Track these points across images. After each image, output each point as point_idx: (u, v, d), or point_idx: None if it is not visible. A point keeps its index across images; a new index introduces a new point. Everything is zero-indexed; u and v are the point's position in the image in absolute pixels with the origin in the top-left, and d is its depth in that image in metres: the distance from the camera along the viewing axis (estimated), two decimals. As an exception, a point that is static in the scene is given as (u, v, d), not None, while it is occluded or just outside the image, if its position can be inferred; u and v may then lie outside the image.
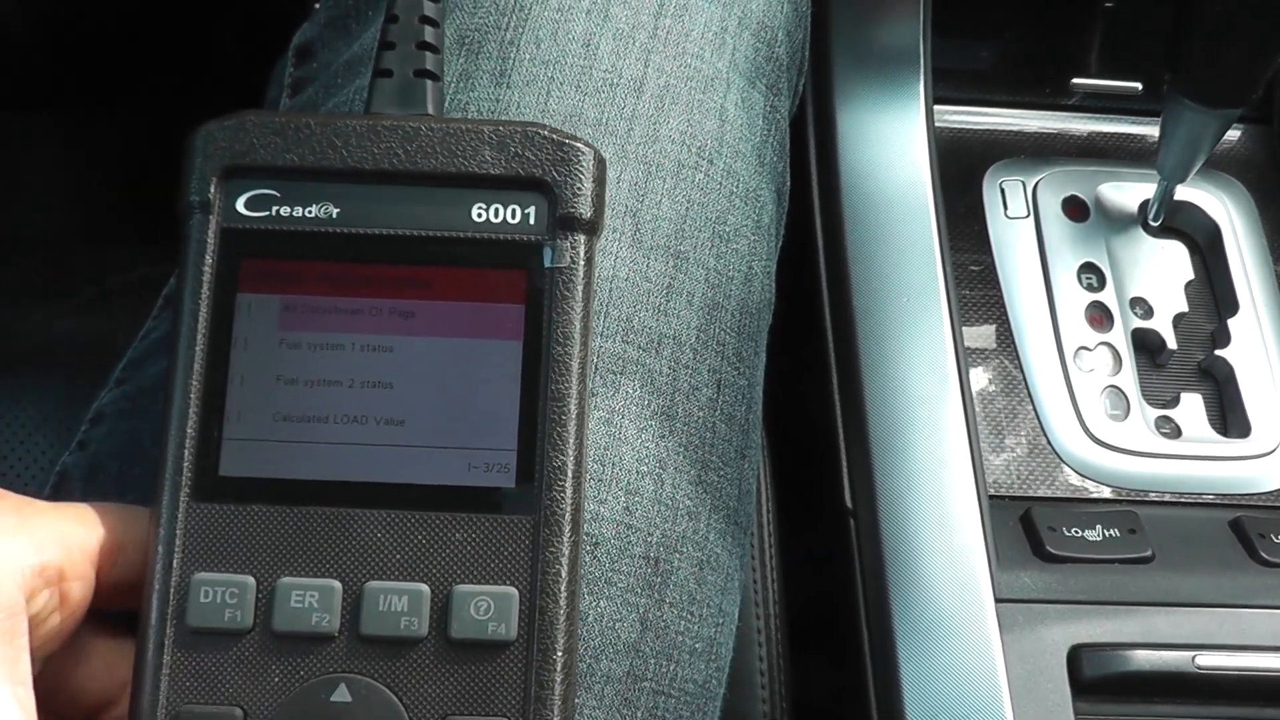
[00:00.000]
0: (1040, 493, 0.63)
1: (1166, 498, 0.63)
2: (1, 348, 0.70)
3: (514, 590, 0.33)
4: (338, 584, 0.33)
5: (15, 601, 0.31)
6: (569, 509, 0.33)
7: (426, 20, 0.37)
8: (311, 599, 0.33)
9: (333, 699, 0.32)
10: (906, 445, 0.59)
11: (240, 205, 0.34)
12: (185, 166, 0.35)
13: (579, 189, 0.35)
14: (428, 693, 0.32)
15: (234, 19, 0.97)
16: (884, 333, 0.62)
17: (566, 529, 0.33)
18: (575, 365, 0.34)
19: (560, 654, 0.33)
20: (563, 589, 0.33)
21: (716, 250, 0.46)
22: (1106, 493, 0.63)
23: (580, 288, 0.34)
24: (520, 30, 0.45)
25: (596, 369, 0.42)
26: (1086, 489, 0.63)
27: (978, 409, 0.64)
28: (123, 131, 0.93)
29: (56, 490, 0.49)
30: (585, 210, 0.35)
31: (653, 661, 0.41)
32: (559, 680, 0.33)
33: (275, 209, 0.34)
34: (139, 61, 0.97)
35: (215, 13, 0.97)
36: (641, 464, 0.42)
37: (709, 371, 0.45)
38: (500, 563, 0.33)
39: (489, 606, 0.33)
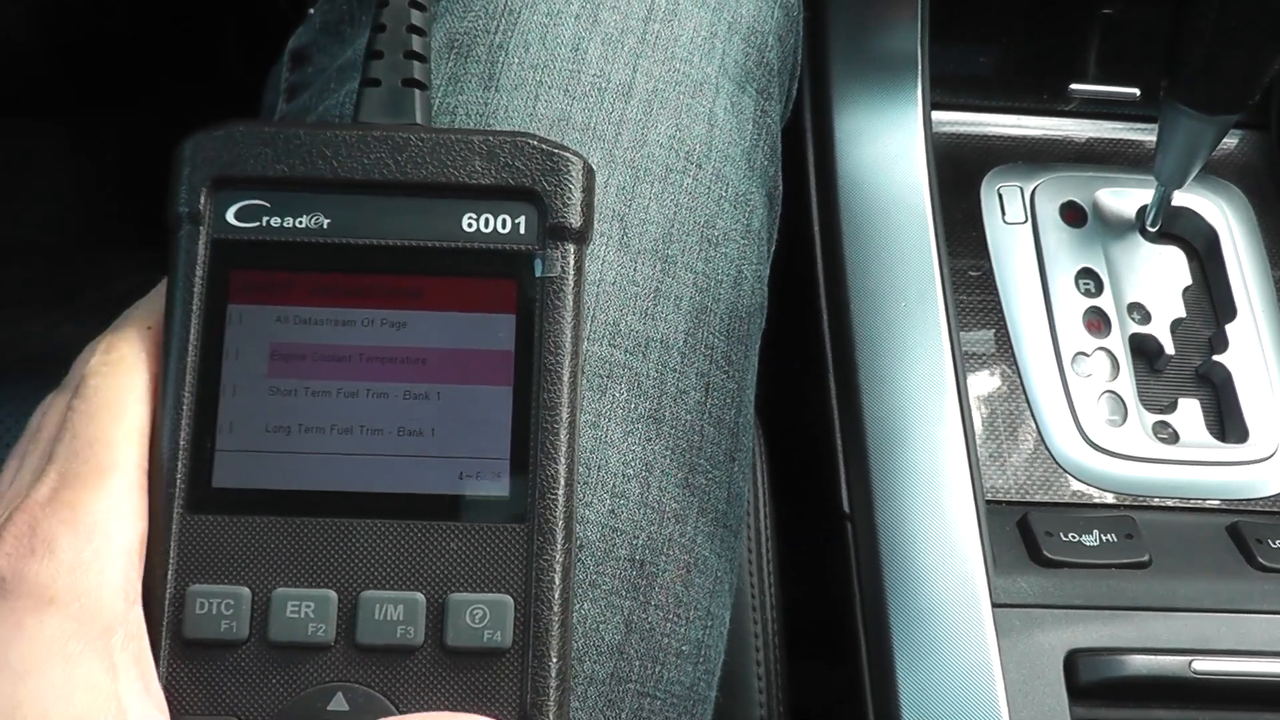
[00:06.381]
0: (1037, 498, 0.63)
1: (1164, 503, 0.63)
2: (4, 353, 0.70)
3: (509, 598, 0.33)
4: (333, 594, 0.33)
5: (118, 615, 0.31)
6: (561, 516, 0.33)
7: (414, 29, 0.37)
8: (307, 609, 0.33)
9: (330, 708, 0.32)
10: (904, 450, 0.59)
11: (230, 216, 0.34)
12: (174, 177, 0.35)
13: (568, 199, 0.35)
14: (424, 700, 0.32)
15: (237, 25, 0.97)
16: (881, 337, 0.62)
17: (559, 536, 0.33)
18: (566, 374, 0.34)
19: (555, 660, 0.33)
20: (556, 596, 0.33)
21: (705, 254, 0.46)
22: (1104, 498, 0.63)
23: (571, 297, 0.34)
24: (509, 34, 0.45)
25: (583, 373, 0.42)
26: (1084, 494, 0.63)
27: (975, 414, 0.64)
28: (126, 137, 0.94)
29: None
30: (575, 220, 0.35)
31: (637, 663, 0.41)
32: (554, 686, 0.33)
33: (265, 220, 0.34)
34: (143, 68, 0.97)
35: (219, 19, 0.98)
36: (627, 467, 0.42)
37: (697, 375, 0.45)
38: (495, 571, 0.33)
39: (484, 614, 0.33)
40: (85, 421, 0.32)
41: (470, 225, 0.35)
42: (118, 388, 0.33)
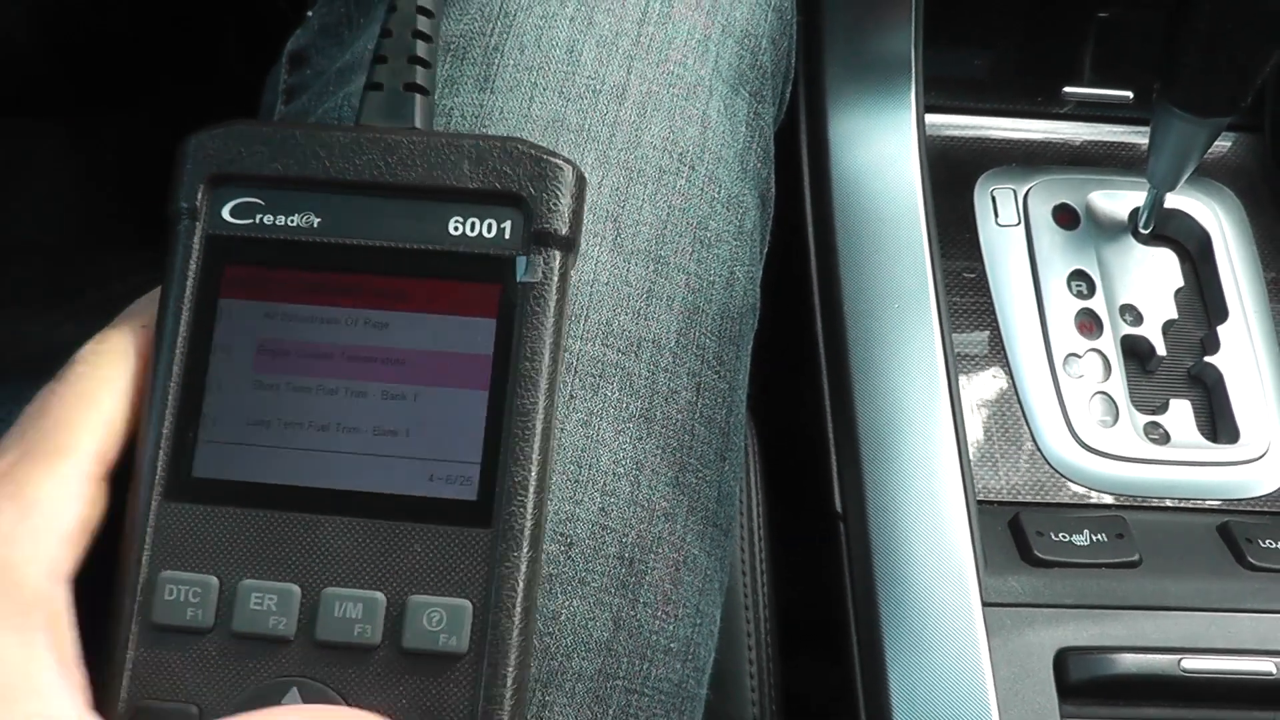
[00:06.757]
0: (1029, 498, 0.63)
1: (1156, 503, 0.63)
2: (4, 353, 0.70)
3: (468, 603, 0.33)
4: (296, 588, 0.33)
5: (40, 591, 0.31)
6: (528, 524, 0.33)
7: (419, 35, 0.37)
8: (270, 602, 0.33)
9: (284, 701, 0.33)
10: (896, 450, 0.60)
11: (225, 212, 0.35)
12: (175, 174, 0.35)
13: (555, 205, 0.35)
14: (377, 701, 0.33)
15: (237, 26, 0.98)
16: (875, 339, 0.63)
17: (524, 544, 0.33)
18: (543, 380, 0.34)
19: (511, 669, 0.33)
20: (517, 604, 0.33)
21: (698, 255, 0.46)
22: (1095, 498, 0.63)
23: (552, 303, 0.34)
24: (504, 36, 0.46)
25: (576, 372, 0.42)
26: (1075, 494, 0.63)
27: (967, 415, 0.65)
28: (126, 137, 0.94)
29: None
30: (560, 226, 0.35)
31: (625, 660, 0.42)
32: (508, 695, 0.33)
33: (259, 217, 0.35)
34: (143, 68, 0.97)
35: (219, 19, 0.98)
36: (618, 465, 0.42)
37: (688, 375, 0.45)
38: (456, 575, 0.33)
39: (442, 618, 0.33)
40: (57, 403, 0.33)
41: (456, 228, 0.35)
42: (98, 378, 0.34)
